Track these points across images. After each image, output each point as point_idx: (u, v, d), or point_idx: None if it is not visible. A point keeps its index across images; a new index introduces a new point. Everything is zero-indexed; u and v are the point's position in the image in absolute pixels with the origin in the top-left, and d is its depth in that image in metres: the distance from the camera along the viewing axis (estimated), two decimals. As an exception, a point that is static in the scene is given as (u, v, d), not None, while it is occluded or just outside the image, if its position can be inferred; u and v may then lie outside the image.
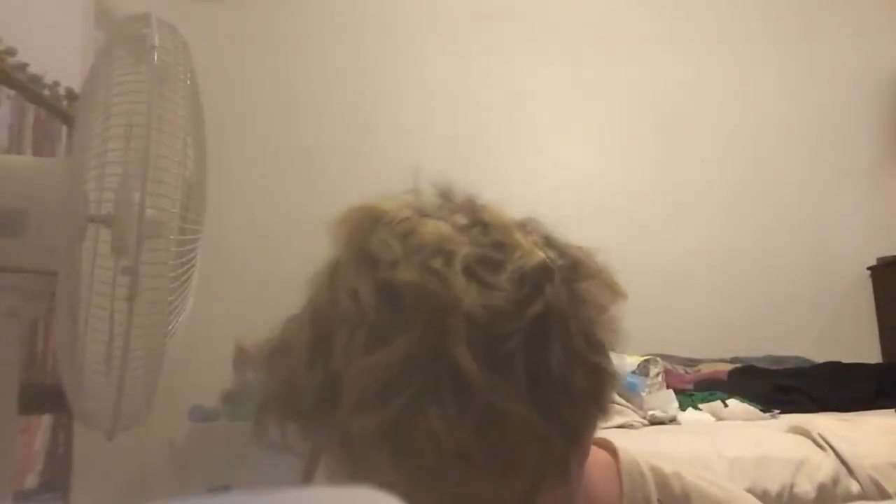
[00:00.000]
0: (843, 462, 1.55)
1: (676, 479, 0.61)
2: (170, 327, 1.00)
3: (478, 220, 0.50)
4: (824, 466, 1.54)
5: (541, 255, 0.49)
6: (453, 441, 0.43)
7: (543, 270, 0.48)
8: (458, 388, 0.44)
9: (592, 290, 0.51)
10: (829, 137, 3.28)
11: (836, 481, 1.52)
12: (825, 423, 1.73)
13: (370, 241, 0.49)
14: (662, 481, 0.61)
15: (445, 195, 0.54)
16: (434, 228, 0.48)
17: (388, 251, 0.48)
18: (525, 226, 0.53)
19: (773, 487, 1.50)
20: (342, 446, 0.47)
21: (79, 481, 2.23)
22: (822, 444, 1.61)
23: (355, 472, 0.47)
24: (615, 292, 0.52)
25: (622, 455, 0.62)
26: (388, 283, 0.46)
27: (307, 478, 0.52)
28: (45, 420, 2.10)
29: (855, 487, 1.52)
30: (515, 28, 3.42)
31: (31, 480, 2.03)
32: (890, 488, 1.50)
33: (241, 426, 2.93)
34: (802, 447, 1.61)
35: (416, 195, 0.54)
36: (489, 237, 0.49)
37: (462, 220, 0.50)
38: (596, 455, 0.59)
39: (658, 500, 0.60)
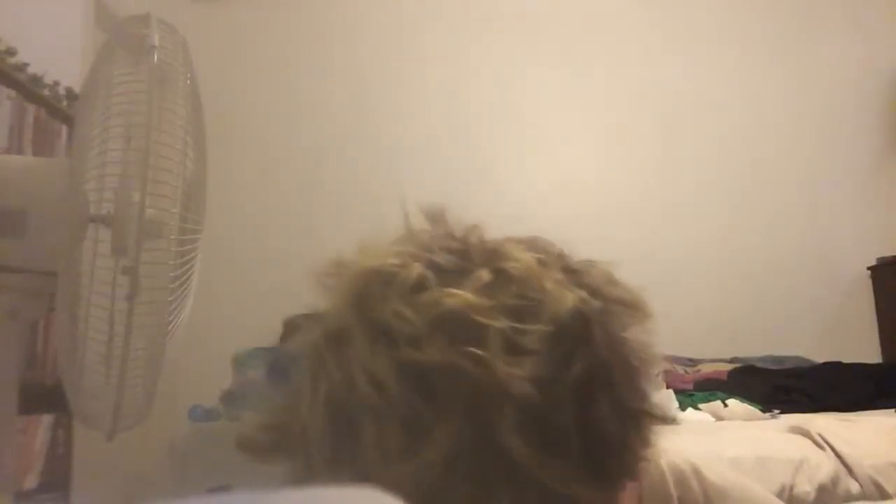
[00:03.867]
0: (843, 462, 1.55)
1: (696, 478, 0.59)
2: (170, 327, 0.99)
3: (500, 271, 0.44)
4: (824, 467, 1.54)
5: (572, 298, 0.43)
6: None
7: (579, 318, 0.43)
8: (510, 478, 0.39)
9: (624, 322, 0.46)
10: (829, 137, 3.28)
11: (835, 482, 1.52)
12: (825, 423, 1.73)
13: (381, 309, 0.42)
14: (681, 479, 0.59)
15: (449, 234, 0.48)
16: (456, 297, 0.41)
17: (405, 324, 0.41)
18: (545, 259, 0.46)
19: (773, 488, 1.49)
20: None
21: (79, 481, 2.23)
22: (821, 444, 1.60)
23: None
24: (643, 315, 0.48)
25: None
26: (412, 366, 0.40)
27: None
28: (45, 420, 2.10)
29: (855, 487, 1.52)
30: (516, 29, 3.42)
31: (31, 480, 2.03)
32: (890, 488, 1.50)
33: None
34: (802, 447, 1.60)
35: (415, 237, 0.48)
36: (515, 292, 0.42)
37: (484, 275, 0.43)
38: None
39: (678, 497, 0.58)
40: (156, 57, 0.96)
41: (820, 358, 2.74)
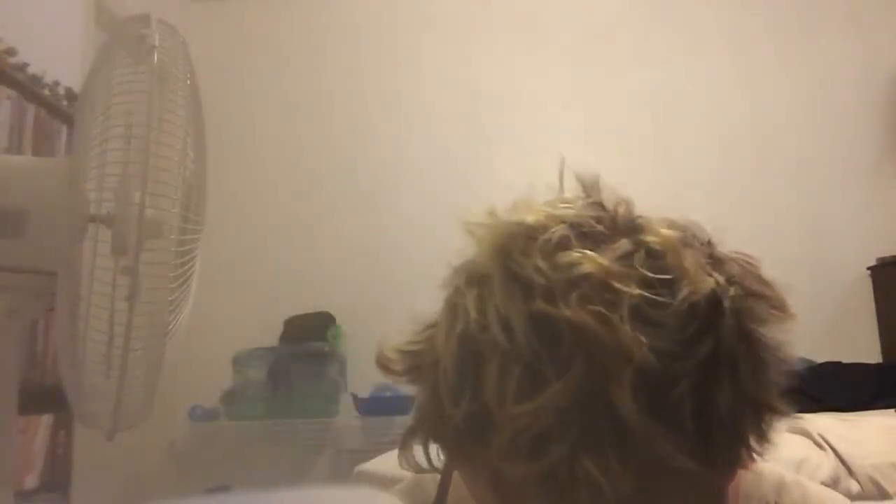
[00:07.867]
0: (843, 462, 1.55)
1: (797, 487, 0.59)
2: (170, 327, 1.00)
3: (641, 244, 0.46)
4: (824, 466, 1.54)
5: (710, 282, 0.45)
6: (615, 492, 0.41)
7: (713, 302, 0.44)
8: (619, 438, 0.41)
9: (761, 317, 0.47)
10: (829, 138, 3.28)
11: (835, 481, 1.52)
12: (825, 422, 1.73)
13: (522, 263, 0.45)
14: (781, 485, 0.59)
15: (598, 204, 0.51)
16: (596, 261, 0.44)
17: (543, 278, 0.44)
18: (689, 240, 0.49)
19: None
20: (493, 484, 0.45)
21: (79, 481, 2.23)
22: (821, 443, 1.60)
23: None
24: (784, 315, 0.49)
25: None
26: (543, 317, 0.43)
27: (440, 500, 0.50)
28: (45, 420, 2.10)
29: (855, 487, 1.52)
30: (516, 30, 3.42)
31: (31, 480, 2.03)
32: (890, 488, 1.50)
33: (241, 426, 2.94)
34: (802, 447, 1.60)
35: (566, 201, 0.51)
36: (655, 266, 0.45)
37: (626, 244, 0.46)
38: None
39: (775, 501, 0.58)
40: (156, 57, 0.96)
41: (820, 358, 2.74)
